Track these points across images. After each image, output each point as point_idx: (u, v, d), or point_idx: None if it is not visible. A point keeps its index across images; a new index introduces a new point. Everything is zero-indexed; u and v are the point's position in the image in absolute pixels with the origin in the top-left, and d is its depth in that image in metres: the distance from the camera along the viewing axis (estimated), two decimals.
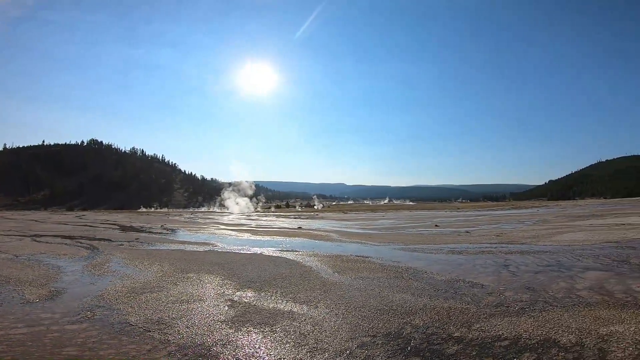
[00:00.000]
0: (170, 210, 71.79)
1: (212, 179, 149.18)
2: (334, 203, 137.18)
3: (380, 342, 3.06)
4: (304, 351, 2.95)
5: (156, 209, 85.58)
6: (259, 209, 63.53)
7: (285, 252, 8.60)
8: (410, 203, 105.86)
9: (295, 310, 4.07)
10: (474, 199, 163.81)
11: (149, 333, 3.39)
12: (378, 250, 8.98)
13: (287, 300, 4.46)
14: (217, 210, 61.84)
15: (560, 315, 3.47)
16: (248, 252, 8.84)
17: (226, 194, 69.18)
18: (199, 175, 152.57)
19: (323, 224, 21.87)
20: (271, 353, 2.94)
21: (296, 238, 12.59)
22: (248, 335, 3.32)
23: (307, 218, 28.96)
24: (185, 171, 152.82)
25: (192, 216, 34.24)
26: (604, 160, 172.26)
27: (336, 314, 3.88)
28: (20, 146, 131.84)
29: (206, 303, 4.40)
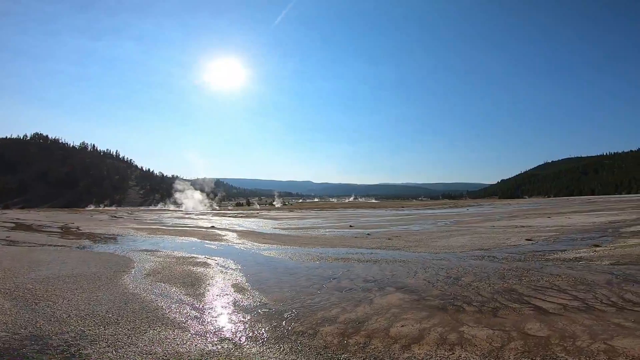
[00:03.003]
0: (119, 208, 67.52)
1: (173, 175, 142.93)
2: (300, 200, 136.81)
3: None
4: None
5: (105, 206, 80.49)
6: (215, 207, 61.55)
7: (137, 252, 8.34)
8: (374, 201, 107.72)
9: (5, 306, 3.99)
10: (435, 197, 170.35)
11: None
12: (245, 254, 8.44)
13: (19, 298, 4.37)
14: (171, 208, 58.91)
15: None
16: (95, 251, 8.76)
17: (179, 187, 66.27)
18: (157, 172, 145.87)
19: (248, 222, 21.38)
20: None
21: (190, 238, 11.99)
22: None
23: (243, 217, 28.27)
24: (142, 167, 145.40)
25: (121, 215, 32.16)
26: (550, 161, 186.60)
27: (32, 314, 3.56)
28: None
29: None
